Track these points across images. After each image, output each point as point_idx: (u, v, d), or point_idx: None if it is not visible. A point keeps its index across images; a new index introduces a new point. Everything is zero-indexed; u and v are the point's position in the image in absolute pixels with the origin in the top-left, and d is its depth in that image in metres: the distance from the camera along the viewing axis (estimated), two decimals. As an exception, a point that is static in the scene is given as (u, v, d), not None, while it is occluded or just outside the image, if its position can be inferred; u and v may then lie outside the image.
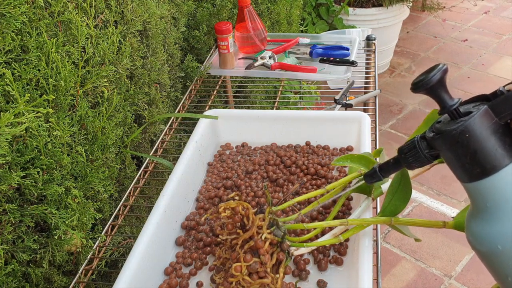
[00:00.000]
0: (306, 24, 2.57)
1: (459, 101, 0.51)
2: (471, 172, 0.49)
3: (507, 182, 0.47)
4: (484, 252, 0.49)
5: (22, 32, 0.74)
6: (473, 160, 0.48)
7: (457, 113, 0.50)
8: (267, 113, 1.06)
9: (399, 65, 3.02)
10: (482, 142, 0.48)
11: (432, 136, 0.52)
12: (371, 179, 0.66)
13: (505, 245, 0.47)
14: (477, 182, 0.49)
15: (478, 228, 0.50)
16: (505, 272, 0.48)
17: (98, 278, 0.93)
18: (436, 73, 0.50)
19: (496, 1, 3.72)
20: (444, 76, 0.50)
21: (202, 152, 0.99)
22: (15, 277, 0.73)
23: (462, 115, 0.50)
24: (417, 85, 0.51)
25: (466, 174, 0.50)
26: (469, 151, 0.48)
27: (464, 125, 0.48)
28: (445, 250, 1.85)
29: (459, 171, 0.50)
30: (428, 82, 0.50)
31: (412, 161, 0.57)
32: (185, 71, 1.34)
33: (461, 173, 0.50)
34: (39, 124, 0.74)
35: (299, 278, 0.75)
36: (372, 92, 1.23)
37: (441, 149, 0.52)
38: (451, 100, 0.51)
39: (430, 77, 0.50)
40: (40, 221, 0.79)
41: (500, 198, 0.48)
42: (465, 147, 0.48)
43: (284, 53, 1.41)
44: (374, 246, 0.79)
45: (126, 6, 1.02)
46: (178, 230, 0.85)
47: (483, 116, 0.48)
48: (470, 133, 0.48)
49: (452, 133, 0.49)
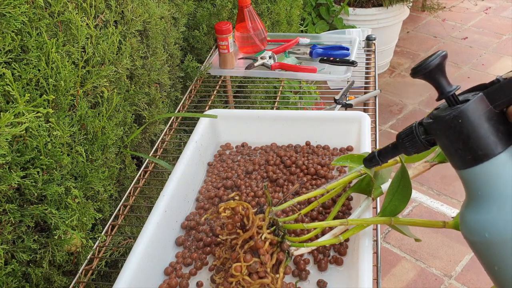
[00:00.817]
0: (306, 24, 2.57)
1: (457, 88, 0.51)
2: (464, 158, 0.49)
3: (498, 170, 0.48)
4: (474, 241, 0.49)
5: (22, 32, 0.74)
6: (465, 146, 0.48)
7: (454, 100, 0.51)
8: (267, 113, 1.06)
9: (399, 65, 3.02)
10: (475, 128, 0.48)
11: (428, 122, 0.53)
12: (370, 163, 0.67)
13: (492, 234, 0.47)
14: (469, 169, 0.49)
15: (469, 217, 0.50)
16: (492, 261, 0.48)
17: (98, 278, 0.93)
18: (435, 58, 0.50)
19: (496, 1, 3.72)
20: (443, 61, 0.51)
21: (202, 152, 0.99)
22: (15, 277, 0.73)
23: (459, 102, 0.50)
24: (416, 70, 0.52)
25: (459, 160, 0.50)
26: (462, 136, 0.48)
27: (457, 111, 0.48)
28: (445, 250, 1.85)
29: (453, 157, 0.51)
30: (427, 67, 0.50)
31: (409, 146, 0.57)
32: (185, 71, 1.34)
33: (455, 159, 0.51)
34: (39, 124, 0.74)
35: (299, 278, 0.75)
36: (372, 92, 1.23)
37: (435, 135, 0.52)
38: (449, 86, 0.51)
39: (429, 61, 0.50)
40: (40, 221, 0.79)
41: (490, 186, 0.48)
42: (457, 132, 0.49)
43: (284, 53, 1.41)
44: (374, 246, 0.79)
45: (126, 6, 1.02)
46: (178, 230, 0.85)
47: (478, 102, 0.48)
48: (463, 119, 0.48)
49: (445, 118, 0.49)
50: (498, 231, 0.47)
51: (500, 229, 0.47)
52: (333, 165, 0.83)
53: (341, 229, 0.74)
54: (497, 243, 0.47)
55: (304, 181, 0.91)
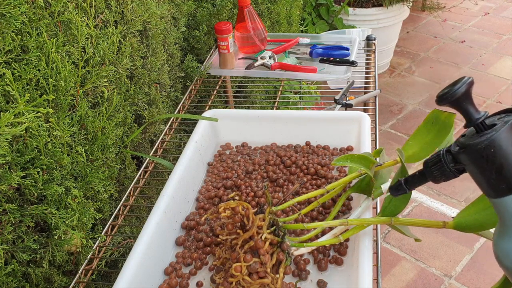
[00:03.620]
0: (306, 24, 2.57)
1: (486, 115, 0.50)
2: (497, 187, 0.48)
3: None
4: (507, 267, 0.48)
5: (22, 32, 0.74)
6: (499, 175, 0.47)
7: (483, 126, 0.49)
8: (267, 113, 1.06)
9: (399, 65, 3.02)
10: (509, 157, 0.46)
11: (457, 150, 0.51)
12: (396, 191, 0.64)
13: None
14: (503, 198, 0.48)
15: (505, 244, 0.49)
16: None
17: (98, 278, 0.93)
18: (461, 85, 0.49)
19: (496, 1, 3.72)
20: (470, 88, 0.49)
21: (202, 152, 0.99)
22: (15, 277, 0.73)
23: (487, 127, 0.49)
24: (441, 98, 0.50)
25: (492, 189, 0.48)
26: (495, 166, 0.47)
27: (489, 139, 0.46)
28: (445, 250, 1.85)
29: (485, 186, 0.49)
30: (453, 95, 0.49)
31: (438, 175, 0.55)
32: (185, 71, 1.34)
33: (487, 188, 0.49)
34: (39, 124, 0.74)
35: (299, 278, 0.75)
36: (372, 92, 1.23)
37: (466, 164, 0.50)
38: (477, 113, 0.49)
39: (455, 89, 0.49)
40: (40, 221, 0.79)
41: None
42: (490, 162, 0.47)
43: (284, 53, 1.41)
44: (374, 246, 0.79)
45: (126, 6, 1.02)
46: (178, 230, 0.85)
47: (509, 130, 0.46)
48: (496, 148, 0.46)
49: (477, 148, 0.47)
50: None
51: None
52: (333, 165, 0.83)
53: (341, 229, 0.74)
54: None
55: (304, 181, 0.91)
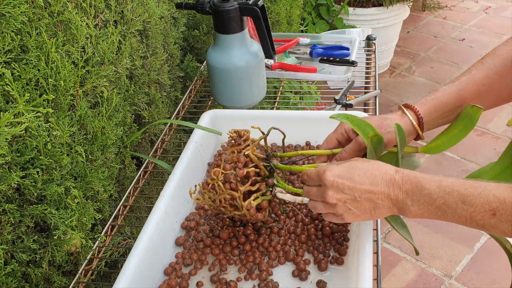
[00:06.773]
0: (306, 24, 2.57)
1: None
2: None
3: None
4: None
5: (21, 32, 0.74)
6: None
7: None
8: (267, 113, 1.06)
9: (399, 65, 3.01)
10: None
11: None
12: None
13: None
14: None
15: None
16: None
17: (98, 278, 0.93)
18: None
19: (496, 1, 3.72)
20: None
21: (202, 152, 0.99)
22: (15, 277, 0.73)
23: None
24: None
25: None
26: None
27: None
28: (445, 250, 1.85)
29: None
30: None
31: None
32: (185, 71, 1.33)
33: None
34: (38, 124, 0.74)
35: (299, 278, 0.75)
36: (372, 92, 1.23)
37: None
38: None
39: None
40: (40, 221, 0.79)
41: None
42: None
43: (284, 53, 1.41)
44: (375, 247, 0.79)
45: (126, 6, 1.01)
46: (178, 230, 0.85)
47: None
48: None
49: None
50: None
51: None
52: (331, 117, 0.81)
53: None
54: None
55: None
